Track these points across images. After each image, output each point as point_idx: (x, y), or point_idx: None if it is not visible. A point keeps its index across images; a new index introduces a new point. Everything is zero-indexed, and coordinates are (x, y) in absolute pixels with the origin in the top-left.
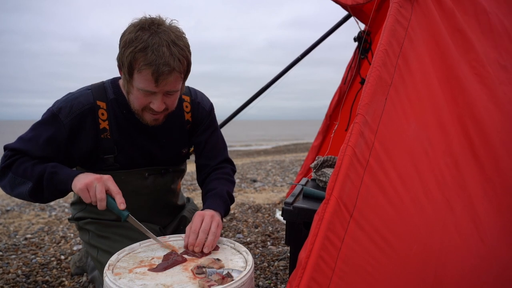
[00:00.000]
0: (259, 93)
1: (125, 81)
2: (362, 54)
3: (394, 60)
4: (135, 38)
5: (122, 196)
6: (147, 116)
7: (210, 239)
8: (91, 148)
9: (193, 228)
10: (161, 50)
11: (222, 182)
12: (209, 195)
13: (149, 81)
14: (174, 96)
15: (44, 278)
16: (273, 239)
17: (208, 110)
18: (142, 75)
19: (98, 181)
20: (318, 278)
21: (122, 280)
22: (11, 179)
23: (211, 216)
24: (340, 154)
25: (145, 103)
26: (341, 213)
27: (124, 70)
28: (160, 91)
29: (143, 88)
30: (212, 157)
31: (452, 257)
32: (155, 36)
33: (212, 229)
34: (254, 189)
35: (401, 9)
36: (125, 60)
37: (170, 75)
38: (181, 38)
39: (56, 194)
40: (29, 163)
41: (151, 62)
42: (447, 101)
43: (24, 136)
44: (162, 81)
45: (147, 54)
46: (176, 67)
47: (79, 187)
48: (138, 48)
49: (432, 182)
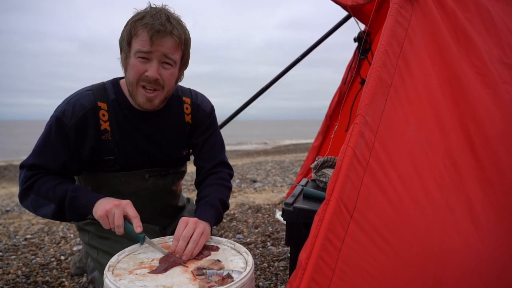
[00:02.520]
0: (260, 93)
1: (124, 55)
2: (362, 55)
3: (394, 60)
4: (136, 14)
5: (139, 220)
6: (141, 95)
7: (190, 247)
8: (93, 150)
9: (175, 235)
10: (158, 15)
11: (216, 188)
12: (201, 203)
13: (144, 41)
14: (170, 71)
15: (44, 278)
16: (273, 240)
17: (208, 112)
18: (138, 38)
19: (117, 207)
20: (318, 279)
21: (122, 281)
22: (33, 200)
23: (195, 223)
24: (340, 155)
25: (141, 71)
26: (341, 214)
27: (124, 44)
28: (155, 55)
29: (139, 50)
30: (208, 159)
31: (451, 257)
32: (154, 10)
33: (194, 237)
34: (254, 189)
35: (401, 9)
36: (125, 33)
37: (166, 36)
38: (180, 21)
39: (77, 217)
40: (50, 183)
41: (147, 23)
42: (447, 102)
43: (37, 149)
44: (157, 40)
45: (144, 19)
46: (174, 31)
47: (99, 214)
48: (138, 18)
49: (431, 183)
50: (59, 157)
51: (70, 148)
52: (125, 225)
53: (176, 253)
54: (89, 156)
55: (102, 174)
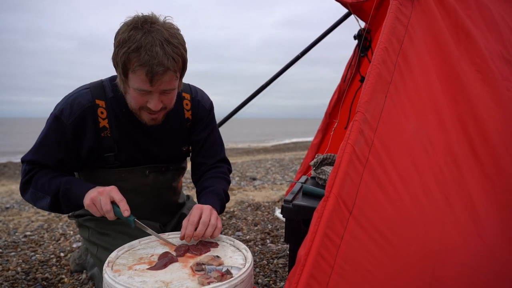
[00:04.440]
0: (259, 91)
1: (121, 81)
2: (362, 52)
3: (394, 58)
4: (128, 38)
5: (126, 203)
6: (145, 116)
7: (210, 230)
8: (93, 147)
9: (191, 220)
10: (154, 50)
11: (218, 180)
12: (205, 192)
13: (143, 81)
14: (171, 95)
15: (44, 275)
16: (272, 237)
17: (208, 109)
18: (136, 75)
19: (101, 194)
20: (317, 276)
21: (122, 277)
22: (32, 193)
23: (210, 209)
24: (339, 152)
25: (142, 102)
26: (341, 211)
27: (119, 71)
28: (155, 91)
29: (138, 88)
30: (209, 156)
31: (451, 255)
32: (148, 36)
33: (212, 221)
34: (254, 187)
35: (401, 6)
36: (119, 61)
37: (165, 75)
38: (175, 35)
39: (73, 208)
40: (46, 177)
41: (144, 62)
42: (447, 99)
43: (35, 145)
44: (157, 81)
45: (140, 55)
46: (171, 66)
47: (86, 203)
48: (132, 48)
49: (431, 180)
50: (55, 155)
51: (68, 146)
52: (114, 209)
53: (195, 236)
54: (89, 153)
55: (103, 171)
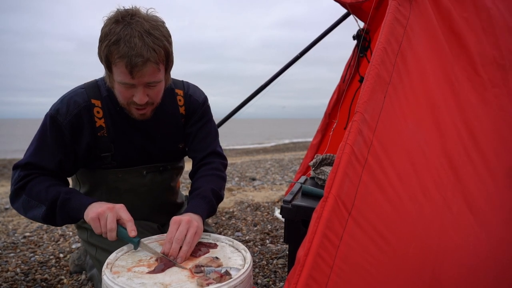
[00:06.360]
0: (258, 91)
1: (107, 76)
2: (361, 52)
3: (392, 58)
4: (109, 31)
5: (133, 223)
6: (134, 111)
7: (184, 250)
8: (90, 147)
9: (168, 237)
10: (132, 41)
11: (208, 179)
12: (193, 196)
13: (124, 74)
14: (157, 88)
15: (43, 276)
16: (272, 237)
17: (201, 102)
18: (117, 68)
19: (110, 210)
20: (317, 276)
21: (121, 279)
22: (24, 201)
23: (187, 222)
24: (338, 152)
25: (128, 96)
26: (340, 211)
27: (104, 65)
28: (139, 84)
29: (121, 81)
30: (199, 150)
31: (449, 255)
32: (127, 28)
33: (187, 238)
34: (253, 187)
35: (400, 7)
36: (102, 55)
37: (145, 66)
38: (156, 27)
39: (68, 220)
40: (43, 185)
41: (123, 54)
42: (442, 102)
43: (32, 148)
44: (137, 73)
45: (119, 47)
46: (151, 57)
47: (91, 216)
48: (112, 41)
49: (429, 181)
50: (55, 155)
51: (66, 146)
52: (118, 229)
53: (170, 255)
54: (86, 154)
55: (100, 171)
